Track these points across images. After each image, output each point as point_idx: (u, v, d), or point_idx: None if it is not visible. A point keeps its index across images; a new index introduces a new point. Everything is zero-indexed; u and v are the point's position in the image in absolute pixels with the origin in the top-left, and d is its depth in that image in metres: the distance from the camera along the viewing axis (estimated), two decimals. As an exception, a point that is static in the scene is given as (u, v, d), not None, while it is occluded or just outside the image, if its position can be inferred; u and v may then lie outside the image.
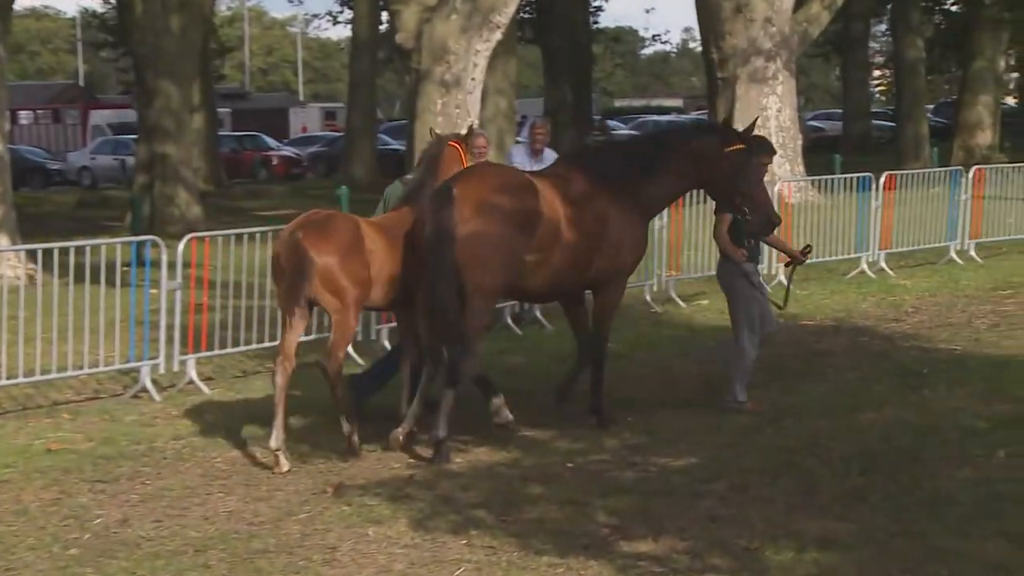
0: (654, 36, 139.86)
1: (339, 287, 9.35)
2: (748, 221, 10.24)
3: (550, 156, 15.84)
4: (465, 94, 24.20)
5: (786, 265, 11.98)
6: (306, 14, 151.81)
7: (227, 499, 8.68)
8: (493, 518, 8.04)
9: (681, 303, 16.28)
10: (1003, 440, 9.54)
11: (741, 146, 10.08)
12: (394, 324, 11.72)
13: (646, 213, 10.51)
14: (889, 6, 49.27)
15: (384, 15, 41.28)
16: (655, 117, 66.43)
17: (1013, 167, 22.82)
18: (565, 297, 10.56)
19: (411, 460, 9.51)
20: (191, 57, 30.37)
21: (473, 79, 24.37)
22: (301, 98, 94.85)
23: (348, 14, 51.68)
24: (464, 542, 7.63)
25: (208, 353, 12.53)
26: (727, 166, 10.01)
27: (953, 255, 19.81)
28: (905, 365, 12.39)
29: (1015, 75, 62.02)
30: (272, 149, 52.69)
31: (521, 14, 44.80)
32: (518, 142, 24.25)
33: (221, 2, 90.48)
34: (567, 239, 9.74)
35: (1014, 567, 7.11)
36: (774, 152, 11.52)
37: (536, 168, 15.55)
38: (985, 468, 8.94)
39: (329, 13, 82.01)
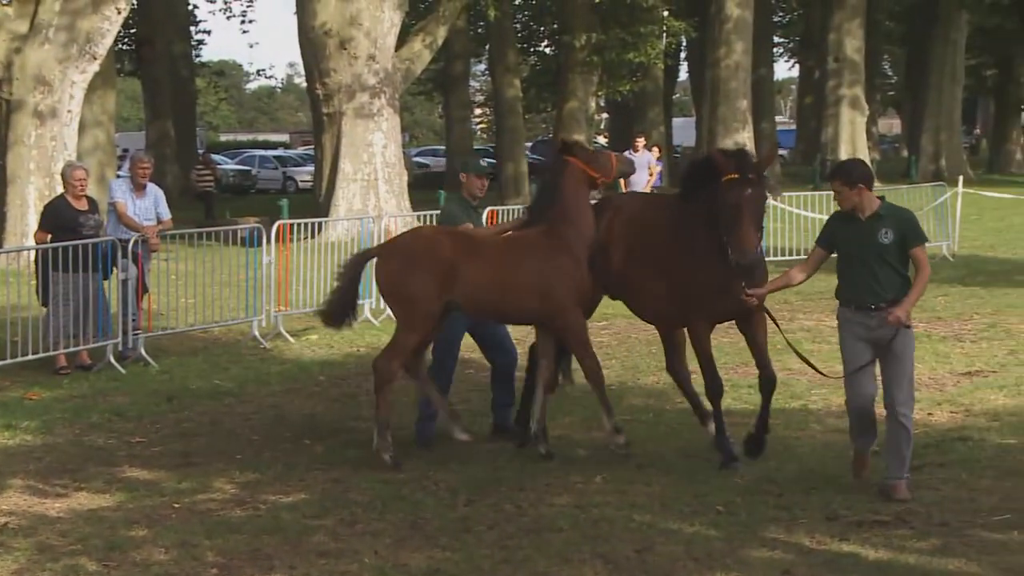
0: (259, 71, 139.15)
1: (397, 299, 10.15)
2: None
3: (153, 191, 15.50)
4: (62, 126, 23.39)
5: None
6: None
7: None
8: (96, 564, 7.76)
9: (290, 338, 16.21)
10: (600, 466, 9.94)
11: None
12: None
13: None
14: (487, 46, 50.63)
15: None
16: (262, 152, 65.97)
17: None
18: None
19: (3, 507, 9.05)
20: None
21: (70, 111, 23.58)
22: None
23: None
24: (65, 591, 7.34)
25: None
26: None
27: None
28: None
29: (605, 115, 64.88)
30: None
31: (120, 45, 43.71)
32: (119, 176, 23.61)
33: None
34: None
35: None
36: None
37: (140, 202, 15.26)
38: (584, 494, 9.27)
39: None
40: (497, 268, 9.95)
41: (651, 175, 26.76)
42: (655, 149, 31.98)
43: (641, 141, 28.18)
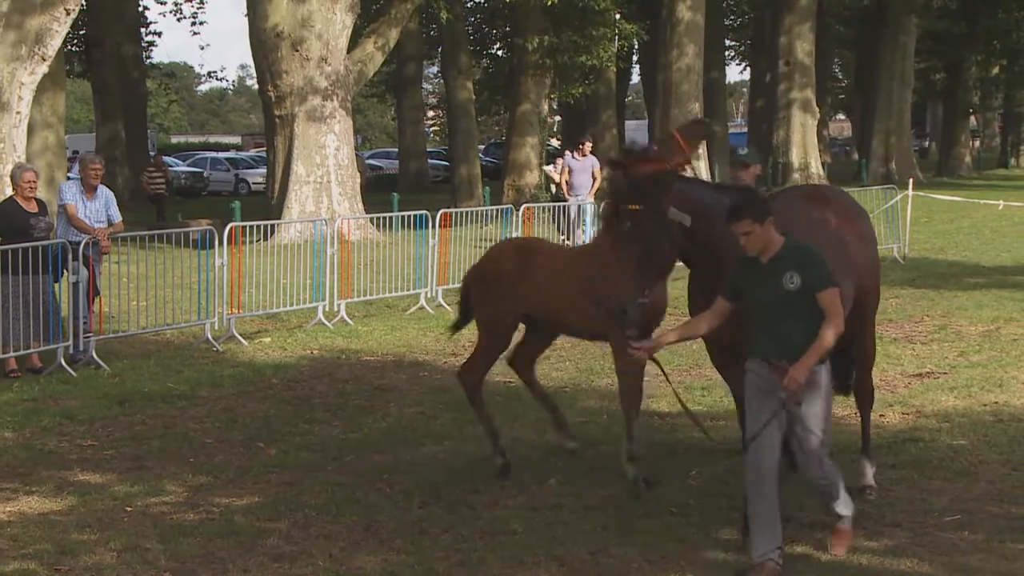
0: (210, 73, 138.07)
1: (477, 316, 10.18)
2: None
3: (103, 193, 15.41)
4: (10, 127, 23.15)
5: None
6: None
7: None
8: (46, 569, 7.70)
9: (243, 341, 16.13)
10: (554, 468, 9.95)
11: None
12: None
13: None
14: (440, 48, 50.60)
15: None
16: (213, 154, 65.67)
17: (557, 205, 23.97)
18: None
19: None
20: None
21: (19, 112, 23.34)
22: None
23: None
24: (16, 597, 7.27)
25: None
26: None
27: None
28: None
29: (558, 118, 64.98)
30: None
31: (69, 47, 43.39)
32: (69, 178, 23.45)
33: None
34: None
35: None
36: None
37: (90, 205, 15.16)
38: (538, 496, 9.28)
39: None
40: (558, 281, 9.78)
41: (595, 179, 25.15)
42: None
43: (588, 145, 26.27)
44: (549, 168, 28.06)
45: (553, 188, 25.88)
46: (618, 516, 8.70)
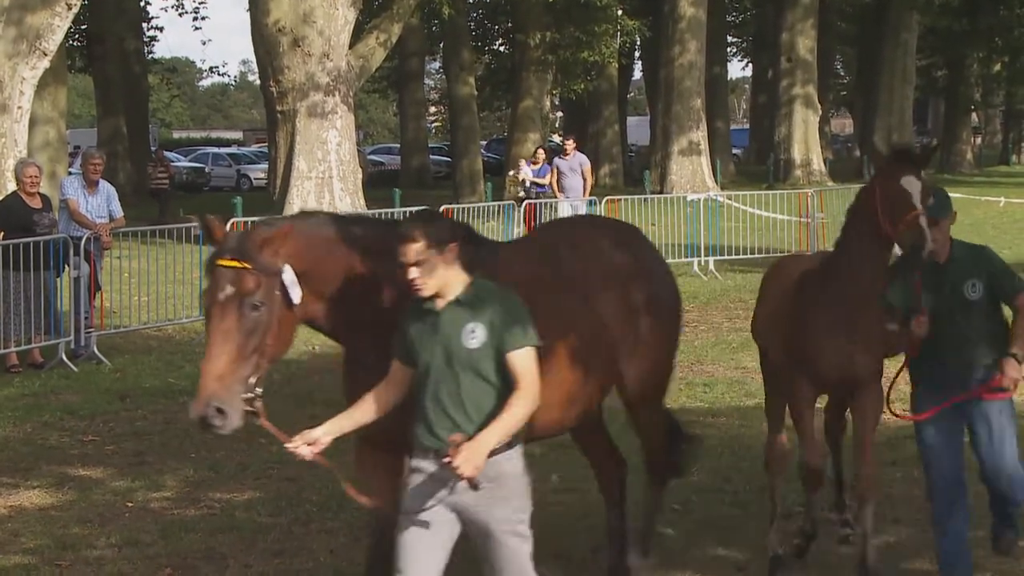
0: (211, 68, 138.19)
1: None
2: None
3: (105, 188, 15.41)
4: (12, 122, 23.14)
5: None
6: None
7: None
8: (48, 564, 7.70)
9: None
10: (555, 465, 9.93)
11: None
12: None
13: None
14: (442, 44, 50.55)
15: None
16: (215, 149, 65.61)
17: (551, 202, 23.87)
18: None
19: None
20: None
21: (20, 107, 23.33)
22: None
23: None
24: (17, 591, 7.28)
25: None
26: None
27: (507, 286, 20.45)
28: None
29: (560, 114, 64.95)
30: None
31: (71, 42, 43.35)
32: (71, 173, 23.43)
33: None
34: None
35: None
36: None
37: (92, 200, 15.16)
38: (540, 493, 9.25)
39: None
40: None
41: (586, 179, 23.62)
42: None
43: (571, 144, 24.95)
44: (515, 173, 27.05)
45: (521, 191, 24.92)
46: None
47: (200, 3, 53.57)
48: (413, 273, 5.25)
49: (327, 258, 5.70)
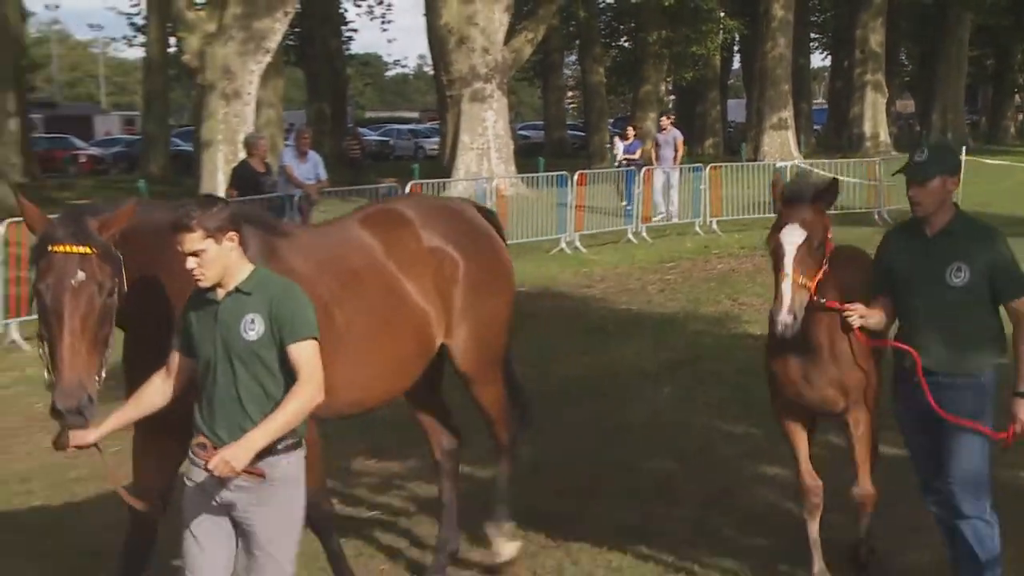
0: (395, 61, 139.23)
1: None
2: None
3: (313, 157, 15.62)
4: (243, 105, 23.61)
5: None
6: (105, 37, 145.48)
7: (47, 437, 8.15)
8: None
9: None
10: (667, 379, 9.85)
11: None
12: None
13: None
14: (578, 41, 50.15)
15: (172, 39, 39.74)
16: (398, 126, 65.99)
17: (628, 171, 22.97)
18: None
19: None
20: (5, 72, 28.88)
21: (249, 93, 23.77)
22: (103, 107, 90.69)
23: (142, 38, 49.48)
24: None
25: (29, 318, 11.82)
26: None
27: (630, 236, 20.24)
28: (594, 322, 12.62)
29: (673, 97, 64.08)
30: (79, 149, 50.10)
31: (287, 41, 43.88)
32: (287, 145, 23.87)
33: (31, 25, 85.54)
34: None
35: (680, 478, 7.31)
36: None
37: (303, 167, 15.36)
38: (655, 402, 9.19)
39: (125, 36, 78.68)
40: None
41: (677, 150, 22.26)
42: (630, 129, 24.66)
43: (667, 120, 23.19)
44: (611, 148, 26.76)
45: (616, 160, 24.27)
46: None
47: (386, 10, 53.82)
48: (191, 263, 4.06)
49: (135, 244, 4.42)
